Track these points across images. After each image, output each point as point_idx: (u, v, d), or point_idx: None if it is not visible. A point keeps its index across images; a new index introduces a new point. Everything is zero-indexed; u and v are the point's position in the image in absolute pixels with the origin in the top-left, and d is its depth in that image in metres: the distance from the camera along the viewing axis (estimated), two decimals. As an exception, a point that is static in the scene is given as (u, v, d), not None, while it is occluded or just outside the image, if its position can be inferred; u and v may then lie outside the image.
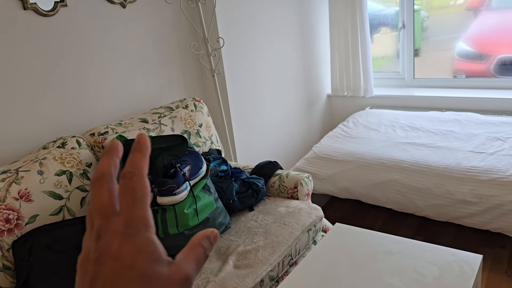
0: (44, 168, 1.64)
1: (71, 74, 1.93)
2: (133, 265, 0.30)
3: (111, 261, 0.30)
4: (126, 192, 0.33)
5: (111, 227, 0.32)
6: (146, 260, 0.31)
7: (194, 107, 2.21)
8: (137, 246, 0.31)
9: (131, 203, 0.32)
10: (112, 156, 0.35)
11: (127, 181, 0.33)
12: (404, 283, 1.58)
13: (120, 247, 0.31)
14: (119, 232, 0.31)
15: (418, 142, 2.59)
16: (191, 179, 1.74)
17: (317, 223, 2.00)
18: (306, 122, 3.34)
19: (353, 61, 3.28)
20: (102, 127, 1.91)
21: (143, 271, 0.30)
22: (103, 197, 0.33)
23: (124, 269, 0.30)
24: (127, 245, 0.31)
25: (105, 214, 0.33)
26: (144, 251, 0.31)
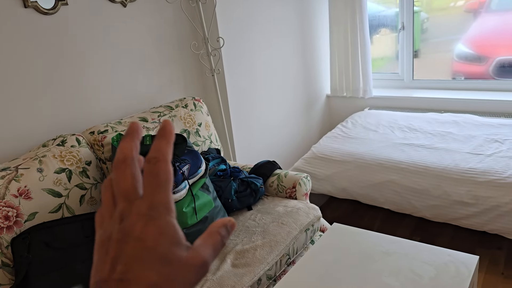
0: (43, 165, 1.65)
1: (71, 72, 1.94)
2: (155, 247, 0.32)
3: (134, 241, 0.32)
4: (150, 177, 0.34)
5: (134, 209, 0.33)
6: (168, 243, 0.32)
7: (194, 106, 2.22)
8: (160, 228, 0.32)
9: (155, 187, 0.33)
10: (133, 139, 0.36)
11: (152, 166, 0.34)
12: (400, 283, 1.59)
13: (144, 229, 0.32)
14: (143, 215, 0.33)
15: (416, 143, 2.60)
16: (190, 178, 1.75)
17: (315, 223, 2.01)
18: (305, 122, 3.35)
19: (352, 62, 3.29)
20: (102, 125, 1.92)
21: (164, 253, 0.32)
22: (127, 181, 0.34)
23: (147, 250, 0.32)
24: (150, 227, 0.32)
25: (129, 197, 0.34)
26: (165, 234, 0.32)
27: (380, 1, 3.53)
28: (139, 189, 0.34)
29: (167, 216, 0.33)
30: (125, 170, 0.35)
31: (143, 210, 0.33)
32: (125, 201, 0.34)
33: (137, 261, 0.31)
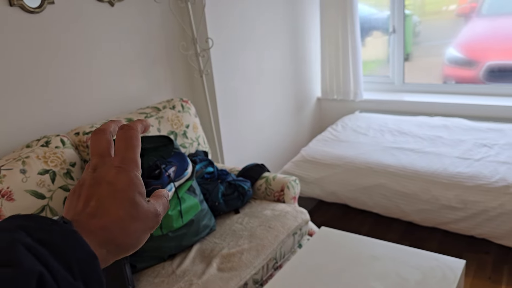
0: (27, 166, 1.62)
1: (56, 72, 1.91)
2: (125, 190, 0.38)
3: (107, 184, 0.38)
4: (123, 139, 0.41)
5: (107, 162, 0.40)
6: (135, 191, 0.38)
7: (182, 107, 2.20)
8: (130, 178, 0.38)
9: (126, 147, 0.40)
10: (115, 122, 0.43)
11: (125, 131, 0.41)
12: (386, 287, 1.58)
13: (116, 176, 0.38)
14: (115, 166, 0.39)
15: (406, 147, 2.60)
16: (176, 180, 1.73)
17: (303, 226, 2.00)
18: (295, 124, 3.34)
19: (343, 65, 3.29)
20: (87, 126, 1.90)
21: (132, 197, 0.38)
22: (102, 143, 0.41)
23: (118, 192, 0.37)
24: (121, 176, 0.38)
25: (102, 154, 0.40)
26: (134, 184, 0.38)
27: (372, 3, 3.53)
28: (111, 151, 0.41)
29: (135, 171, 0.39)
30: (102, 137, 0.41)
31: (116, 163, 0.39)
32: (98, 158, 0.40)
33: (108, 199, 0.37)
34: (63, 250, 0.30)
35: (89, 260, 0.32)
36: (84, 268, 0.31)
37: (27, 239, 0.29)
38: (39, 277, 0.28)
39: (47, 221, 0.32)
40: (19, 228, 0.30)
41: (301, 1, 3.21)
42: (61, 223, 0.33)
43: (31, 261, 0.28)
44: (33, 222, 0.32)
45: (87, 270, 0.31)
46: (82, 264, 0.31)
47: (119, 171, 0.38)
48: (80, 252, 0.31)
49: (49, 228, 0.31)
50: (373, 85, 3.54)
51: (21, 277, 0.27)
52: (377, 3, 3.49)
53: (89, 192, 0.38)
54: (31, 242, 0.29)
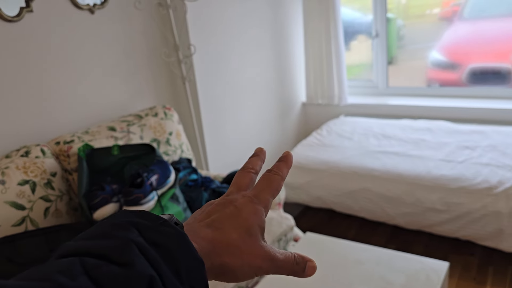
0: (6, 177, 1.59)
1: (36, 80, 1.88)
2: (247, 219, 0.38)
3: (233, 207, 0.39)
4: (266, 180, 0.42)
5: (241, 193, 0.41)
6: (256, 223, 0.38)
7: (164, 115, 2.19)
8: (256, 210, 0.39)
9: (265, 188, 0.41)
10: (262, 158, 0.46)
11: (271, 174, 0.43)
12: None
13: (244, 204, 0.39)
14: (247, 196, 0.40)
15: (390, 150, 2.61)
16: (159, 189, 1.71)
17: (288, 232, 1.99)
18: (280, 130, 3.34)
19: (327, 69, 3.30)
20: (68, 135, 1.87)
21: (250, 226, 0.38)
22: (245, 180, 0.43)
23: (240, 217, 0.38)
24: (249, 206, 0.39)
25: (240, 187, 0.42)
26: (258, 216, 0.39)
27: (356, 7, 3.56)
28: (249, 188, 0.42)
29: (264, 208, 0.40)
30: (248, 174, 0.44)
31: (248, 194, 0.40)
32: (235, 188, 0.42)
33: (228, 219, 0.38)
34: (174, 254, 0.31)
35: (197, 266, 0.32)
36: (192, 274, 0.31)
37: (139, 238, 0.30)
38: (149, 281, 0.28)
39: (159, 220, 0.33)
40: (132, 225, 0.31)
41: (284, 7, 3.22)
42: (172, 225, 0.33)
43: (143, 263, 0.29)
44: (145, 219, 0.32)
45: (195, 277, 0.32)
46: (190, 270, 0.31)
47: (248, 201, 0.39)
48: (189, 257, 0.32)
49: (161, 229, 0.32)
50: (358, 89, 3.57)
51: (133, 278, 0.28)
52: (361, 7, 3.52)
53: (214, 209, 0.39)
54: (143, 243, 0.30)
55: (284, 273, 0.39)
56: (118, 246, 0.29)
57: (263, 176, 0.43)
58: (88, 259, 0.28)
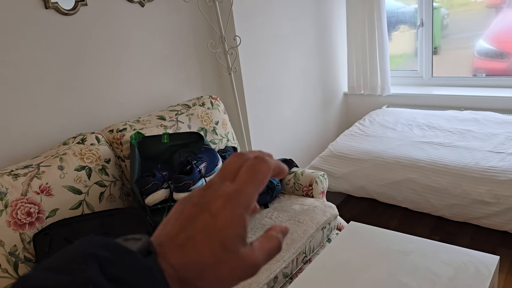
0: (64, 163, 1.68)
1: (90, 71, 1.97)
2: (221, 230, 0.33)
3: (208, 215, 0.34)
4: (250, 170, 0.36)
5: (222, 187, 0.35)
6: (233, 232, 0.33)
7: (211, 104, 2.24)
8: (233, 215, 0.34)
9: (249, 180, 0.35)
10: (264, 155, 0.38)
11: (257, 162, 0.36)
12: (418, 282, 1.57)
13: (221, 209, 0.34)
14: (226, 195, 0.34)
15: (435, 141, 2.57)
16: (207, 176, 1.76)
17: (332, 221, 2.01)
18: (322, 120, 3.33)
19: (370, 59, 3.26)
20: (121, 123, 1.95)
21: (226, 240, 0.33)
22: (233, 164, 0.36)
23: (214, 229, 0.33)
24: (226, 211, 0.34)
25: (225, 175, 0.36)
26: (236, 223, 0.34)
27: (398, -3, 3.49)
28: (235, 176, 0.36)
29: (243, 210, 0.34)
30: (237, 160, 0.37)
31: (228, 192, 0.34)
32: (221, 176, 0.36)
33: (201, 234, 0.33)
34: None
35: None
36: None
37: (100, 278, 0.27)
38: None
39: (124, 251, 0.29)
40: (94, 259, 0.28)
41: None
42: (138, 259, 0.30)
43: None
44: (110, 252, 0.29)
45: None
46: None
47: (226, 202, 0.34)
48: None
49: (127, 262, 0.29)
50: (401, 79, 3.50)
51: None
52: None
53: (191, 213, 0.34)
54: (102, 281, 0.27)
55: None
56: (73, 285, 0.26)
57: (248, 164, 0.36)
58: None
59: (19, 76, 1.74)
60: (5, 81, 1.70)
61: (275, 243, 0.36)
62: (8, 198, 1.49)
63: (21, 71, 1.74)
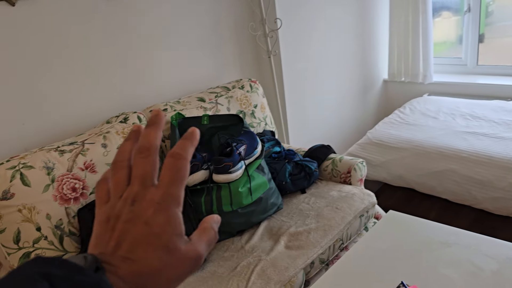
0: (107, 141, 1.71)
1: (133, 53, 1.99)
2: (160, 235, 0.34)
3: (142, 225, 0.34)
4: (171, 170, 0.36)
5: (148, 195, 0.35)
6: (171, 233, 0.35)
7: (250, 88, 2.23)
8: (168, 218, 0.35)
9: (172, 180, 0.36)
10: (159, 129, 0.38)
11: (175, 160, 0.36)
12: (459, 275, 1.53)
13: (153, 216, 0.35)
14: (155, 202, 0.35)
15: (479, 131, 2.48)
16: (246, 159, 1.76)
17: (370, 209, 1.98)
18: (360, 107, 3.27)
19: (412, 45, 3.16)
20: (161, 104, 1.97)
21: (167, 242, 0.34)
22: (147, 167, 0.36)
23: (152, 236, 0.34)
24: (159, 216, 0.35)
25: (145, 182, 0.36)
26: (172, 224, 0.35)
27: (444, -19, 3.35)
28: (155, 177, 0.36)
29: (176, 209, 0.35)
30: (148, 157, 0.37)
31: (157, 198, 0.35)
32: (140, 185, 0.36)
33: (142, 244, 0.34)
34: None
35: None
36: None
37: None
38: None
39: (74, 267, 0.29)
40: (42, 277, 0.28)
41: (370, -21, 3.11)
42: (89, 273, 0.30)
43: None
44: (61, 268, 0.29)
45: None
46: None
47: (158, 209, 0.35)
48: None
49: (77, 278, 0.29)
50: (443, 67, 3.39)
51: None
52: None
53: (124, 229, 0.34)
54: None
55: None
56: None
57: (166, 164, 0.36)
58: None
59: (68, 53, 1.77)
60: (59, 54, 1.74)
61: (211, 233, 0.38)
62: (55, 173, 1.54)
63: (70, 50, 1.78)
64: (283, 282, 1.51)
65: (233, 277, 1.51)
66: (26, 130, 1.71)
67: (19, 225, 1.45)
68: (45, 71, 1.72)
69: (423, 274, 1.53)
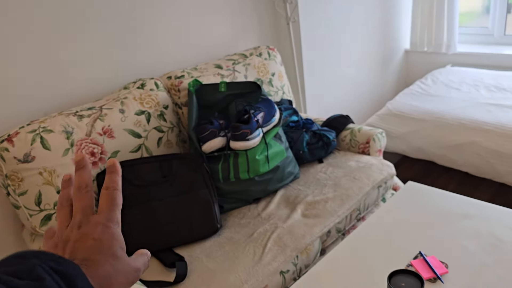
0: (125, 107, 1.71)
1: (150, 19, 1.96)
2: (110, 247, 0.41)
3: (92, 240, 0.41)
4: (108, 199, 0.45)
5: (92, 220, 0.43)
6: (118, 246, 0.42)
7: (268, 55, 2.18)
8: (114, 235, 0.43)
9: (111, 207, 0.44)
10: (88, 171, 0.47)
11: (110, 192, 0.45)
12: (480, 246, 1.51)
13: (101, 233, 0.42)
14: (101, 223, 0.43)
15: (504, 103, 2.40)
16: (264, 126, 1.74)
17: (388, 180, 1.95)
18: (380, 77, 3.20)
19: (437, 14, 3.05)
20: (179, 71, 1.95)
21: (115, 252, 0.42)
22: (88, 200, 0.45)
23: (103, 248, 0.41)
24: (106, 232, 0.42)
25: (86, 212, 0.44)
26: (117, 240, 0.43)
27: None
28: (93, 208, 0.45)
29: (118, 228, 0.44)
30: (87, 193, 0.45)
31: (102, 220, 0.43)
32: (83, 214, 0.43)
33: (94, 253, 0.40)
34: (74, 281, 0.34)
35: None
36: None
37: (42, 265, 0.33)
38: None
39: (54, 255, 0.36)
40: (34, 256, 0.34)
41: None
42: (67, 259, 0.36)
43: (50, 280, 0.33)
44: (43, 254, 0.35)
45: None
46: None
47: (104, 228, 0.42)
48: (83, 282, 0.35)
49: (60, 260, 0.35)
50: (468, 37, 3.27)
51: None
52: None
53: (74, 246, 0.41)
54: (46, 267, 0.33)
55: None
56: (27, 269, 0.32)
57: (102, 195, 0.45)
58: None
59: (84, 20, 1.75)
60: (75, 21, 1.72)
61: (145, 257, 0.46)
62: (74, 138, 1.54)
63: (87, 16, 1.75)
64: (299, 249, 1.51)
65: (250, 243, 1.52)
66: (45, 95, 1.71)
67: (40, 187, 1.47)
68: (62, 38, 1.71)
69: (441, 245, 1.52)
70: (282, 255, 1.47)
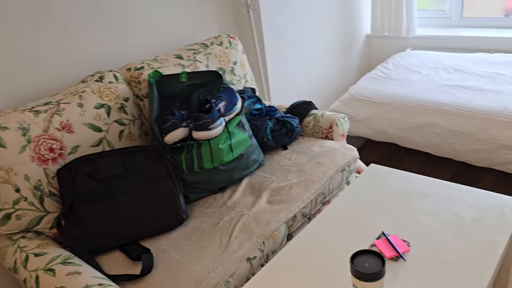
0: (83, 101, 1.67)
1: (107, 10, 1.91)
2: None
3: None
4: None
5: None
6: None
7: (229, 44, 2.17)
8: None
9: None
10: None
11: None
12: (439, 223, 1.56)
13: None
14: None
15: (462, 84, 2.47)
16: (226, 115, 1.74)
17: (352, 163, 1.98)
18: (342, 63, 3.23)
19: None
20: (138, 62, 1.91)
21: None
22: None
23: None
24: None
25: None
26: None
27: None
28: None
29: None
30: None
31: None
32: None
33: None
34: None
35: None
36: None
37: None
38: None
39: None
40: None
41: None
42: None
43: None
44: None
45: None
46: None
47: None
48: None
49: None
50: (427, 20, 3.34)
51: None
52: None
53: None
54: None
55: None
56: None
57: None
58: None
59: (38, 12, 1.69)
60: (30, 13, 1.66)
61: None
62: (30, 134, 1.50)
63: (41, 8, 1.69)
64: (265, 235, 1.52)
65: (216, 232, 1.52)
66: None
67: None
68: (12, 30, 1.64)
69: (403, 224, 1.56)
70: (248, 242, 1.48)
